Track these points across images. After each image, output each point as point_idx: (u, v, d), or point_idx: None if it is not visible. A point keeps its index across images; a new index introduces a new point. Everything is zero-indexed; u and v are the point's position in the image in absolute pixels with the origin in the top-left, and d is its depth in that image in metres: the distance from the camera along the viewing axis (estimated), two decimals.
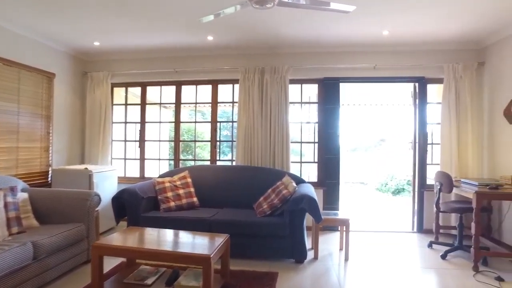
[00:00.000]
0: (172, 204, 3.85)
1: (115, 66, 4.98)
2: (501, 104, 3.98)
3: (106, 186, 4.34)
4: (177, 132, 5.04)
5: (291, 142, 4.61)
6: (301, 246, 3.36)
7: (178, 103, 5.01)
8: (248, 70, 4.54)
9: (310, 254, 3.53)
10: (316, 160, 4.79)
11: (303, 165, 4.94)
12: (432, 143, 4.63)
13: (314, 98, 4.97)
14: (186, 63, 4.81)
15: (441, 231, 4.25)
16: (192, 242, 2.64)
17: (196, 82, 4.94)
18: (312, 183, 4.36)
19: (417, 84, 4.58)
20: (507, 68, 3.92)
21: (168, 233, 2.83)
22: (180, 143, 5.18)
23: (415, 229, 4.59)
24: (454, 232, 4.30)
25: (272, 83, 4.53)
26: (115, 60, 4.99)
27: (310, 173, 5.13)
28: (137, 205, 3.60)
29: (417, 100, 4.60)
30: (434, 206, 3.78)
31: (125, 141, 5.16)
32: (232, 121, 4.94)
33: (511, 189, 3.28)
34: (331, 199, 4.61)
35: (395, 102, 9.18)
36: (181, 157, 5.25)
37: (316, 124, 4.78)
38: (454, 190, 3.62)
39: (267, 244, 3.41)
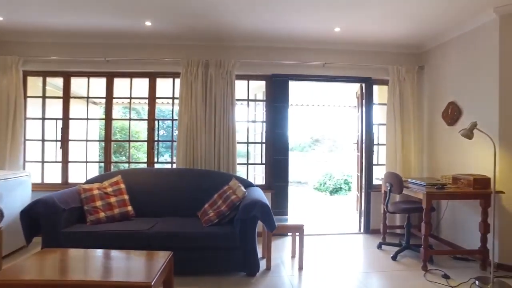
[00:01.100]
0: (102, 215, 3.28)
1: (29, 50, 4.14)
2: (440, 107, 4.13)
3: (16, 196, 3.56)
4: (108, 130, 4.39)
5: (237, 143, 4.28)
6: (253, 258, 3.05)
7: (109, 97, 4.36)
8: (191, 63, 4.10)
9: (261, 264, 3.24)
10: (263, 161, 4.54)
11: (249, 167, 4.66)
12: (378, 144, 4.67)
13: (260, 96, 4.72)
14: (120, 52, 4.19)
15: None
16: (128, 266, 2.16)
17: (131, 75, 4.35)
18: (260, 186, 4.10)
19: (364, 85, 4.58)
20: (444, 73, 4.08)
21: (97, 255, 2.31)
22: (112, 143, 4.54)
23: (362, 230, 4.58)
24: (398, 231, 4.38)
25: (217, 78, 4.15)
26: (28, 43, 4.15)
27: (257, 175, 4.86)
28: (56, 218, 2.96)
29: (363, 101, 4.61)
30: (384, 207, 3.76)
31: (43, 140, 4.35)
32: (172, 119, 4.45)
33: (455, 188, 3.37)
34: (280, 202, 4.40)
35: (335, 104, 9.35)
36: (113, 159, 4.60)
37: (264, 124, 4.53)
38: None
39: (216, 257, 3.04)
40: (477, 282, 2.97)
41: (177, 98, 4.22)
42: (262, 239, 3.65)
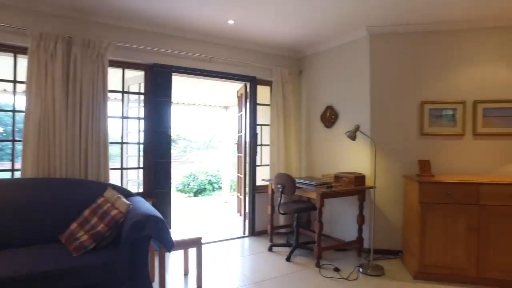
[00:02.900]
0: None
1: None
2: (319, 110, 4.43)
3: None
4: None
5: (110, 143, 3.47)
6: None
7: None
8: (45, 36, 3.04)
9: None
10: (141, 165, 3.85)
11: (123, 172, 3.87)
12: (261, 144, 4.66)
13: (135, 88, 4.00)
14: None
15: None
16: None
17: None
18: (138, 195, 3.44)
19: (248, 84, 4.50)
20: (323, 78, 4.40)
21: None
22: None
23: (247, 233, 4.47)
24: (282, 231, 4.48)
25: (84, 61, 3.25)
26: None
27: (131, 181, 4.11)
28: None
29: (247, 100, 4.52)
30: (276, 208, 3.73)
31: None
32: (14, 111, 3.21)
33: (341, 186, 3.61)
34: (163, 212, 3.79)
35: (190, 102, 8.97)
36: None
37: (141, 121, 3.85)
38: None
39: None
40: (360, 269, 3.27)
41: (22, 82, 3.07)
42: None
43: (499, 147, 3.49)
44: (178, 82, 5.57)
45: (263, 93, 4.67)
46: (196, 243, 2.95)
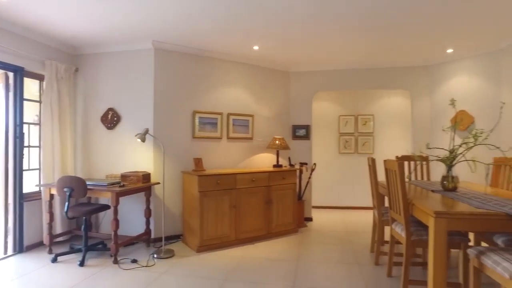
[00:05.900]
0: None
1: None
2: (99, 111, 4.43)
3: None
4: None
5: None
6: None
7: None
8: None
9: None
10: None
11: None
12: (29, 146, 4.04)
13: None
14: None
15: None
16: None
17: None
18: None
19: (12, 75, 3.81)
20: (103, 80, 4.45)
21: None
22: None
23: (12, 251, 3.77)
24: (60, 239, 4.14)
25: None
26: None
27: None
28: None
29: (10, 94, 3.82)
30: (65, 213, 3.47)
31: None
32: None
33: (131, 185, 3.88)
34: None
35: None
36: None
37: None
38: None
39: None
40: (155, 255, 3.74)
41: None
42: None
43: (241, 147, 4.97)
44: None
45: (28, 87, 4.06)
46: None
